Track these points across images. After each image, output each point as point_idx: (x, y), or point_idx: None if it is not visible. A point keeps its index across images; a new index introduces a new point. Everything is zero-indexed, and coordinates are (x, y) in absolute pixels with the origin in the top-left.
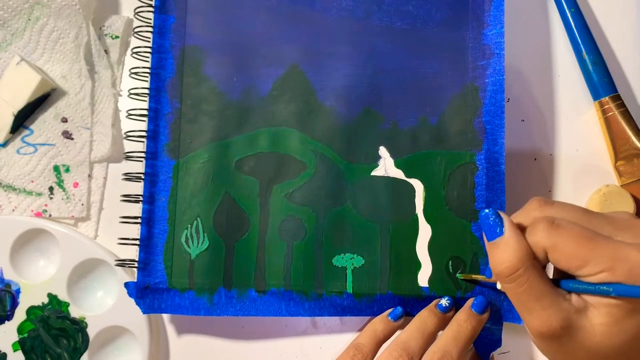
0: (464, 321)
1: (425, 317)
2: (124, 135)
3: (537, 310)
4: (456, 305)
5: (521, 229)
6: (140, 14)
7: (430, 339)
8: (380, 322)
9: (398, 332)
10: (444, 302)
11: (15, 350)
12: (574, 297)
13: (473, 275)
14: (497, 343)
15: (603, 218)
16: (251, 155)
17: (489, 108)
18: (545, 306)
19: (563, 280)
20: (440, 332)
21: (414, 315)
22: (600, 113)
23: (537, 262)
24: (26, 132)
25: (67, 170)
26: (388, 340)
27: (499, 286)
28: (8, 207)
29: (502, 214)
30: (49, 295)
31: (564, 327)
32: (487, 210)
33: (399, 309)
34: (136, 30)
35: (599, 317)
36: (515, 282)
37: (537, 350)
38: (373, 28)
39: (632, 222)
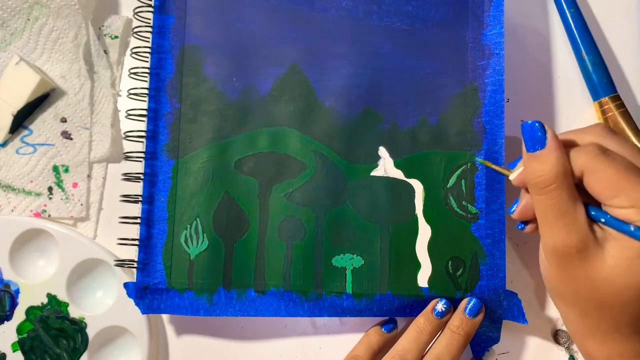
0: (457, 327)
1: (421, 326)
2: (123, 136)
3: (559, 225)
4: (454, 305)
5: (572, 145)
6: (139, 13)
7: (426, 346)
8: (374, 333)
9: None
10: (441, 306)
11: (14, 351)
12: (595, 227)
13: (492, 165)
14: (495, 339)
15: None
16: (251, 155)
17: (489, 108)
18: (567, 223)
19: (591, 206)
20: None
21: (413, 316)
22: (600, 113)
23: (572, 180)
24: (25, 132)
25: (66, 170)
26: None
27: (512, 177)
28: (7, 207)
29: (547, 127)
30: (48, 295)
31: (579, 248)
32: (531, 122)
33: (392, 321)
34: (135, 30)
35: (613, 250)
36: (547, 195)
37: (537, 350)
38: (373, 28)
39: None
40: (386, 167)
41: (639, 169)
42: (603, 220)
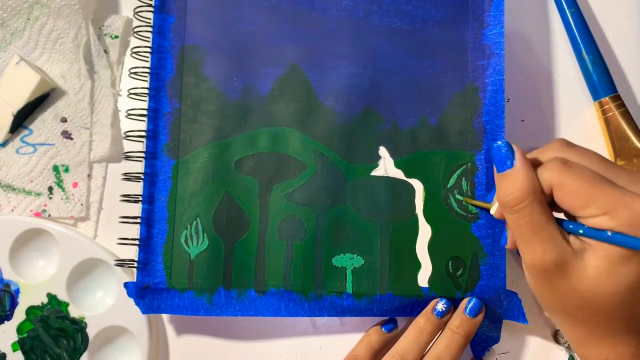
0: (457, 327)
1: (421, 326)
2: (124, 135)
3: (534, 243)
4: (455, 305)
5: (536, 164)
6: (139, 13)
7: (426, 346)
8: (374, 333)
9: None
10: (441, 306)
11: (14, 351)
12: (572, 239)
13: (474, 201)
14: (495, 339)
15: (621, 170)
16: (251, 155)
17: (489, 108)
18: (543, 240)
19: (565, 221)
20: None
21: (413, 316)
22: (600, 113)
23: (542, 197)
24: (25, 132)
25: (67, 170)
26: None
27: (492, 211)
28: (7, 207)
29: (514, 146)
30: (49, 295)
31: (558, 263)
32: (499, 142)
33: (392, 321)
34: (136, 30)
35: (593, 260)
36: (518, 214)
37: (537, 350)
38: (373, 28)
39: None
40: (386, 167)
41: (603, 176)
42: (581, 231)
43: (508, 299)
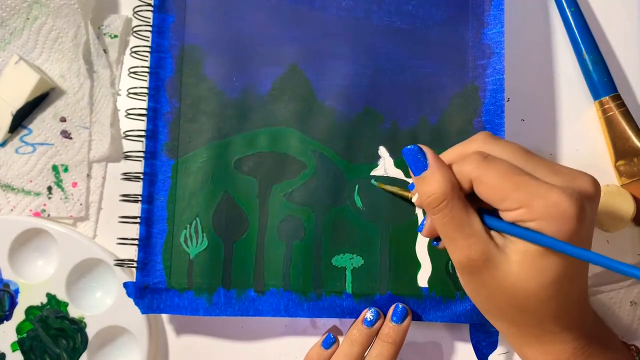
0: (386, 335)
1: (353, 337)
2: (123, 135)
3: (459, 240)
4: (454, 305)
5: (460, 157)
6: (139, 13)
7: (360, 357)
8: (314, 352)
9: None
10: (369, 315)
11: (14, 351)
12: (495, 233)
13: (389, 187)
14: (495, 345)
15: (542, 161)
16: (250, 154)
17: (489, 107)
18: (467, 236)
19: (485, 216)
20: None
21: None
22: (600, 113)
23: (461, 194)
24: (25, 131)
25: (66, 170)
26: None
27: (414, 199)
28: (6, 206)
29: (425, 148)
30: (48, 295)
31: (484, 259)
32: (410, 146)
33: (332, 337)
34: (135, 29)
35: (515, 254)
36: (440, 213)
37: None
38: (373, 27)
39: (571, 170)
40: (386, 166)
41: (522, 169)
42: (496, 226)
43: None
